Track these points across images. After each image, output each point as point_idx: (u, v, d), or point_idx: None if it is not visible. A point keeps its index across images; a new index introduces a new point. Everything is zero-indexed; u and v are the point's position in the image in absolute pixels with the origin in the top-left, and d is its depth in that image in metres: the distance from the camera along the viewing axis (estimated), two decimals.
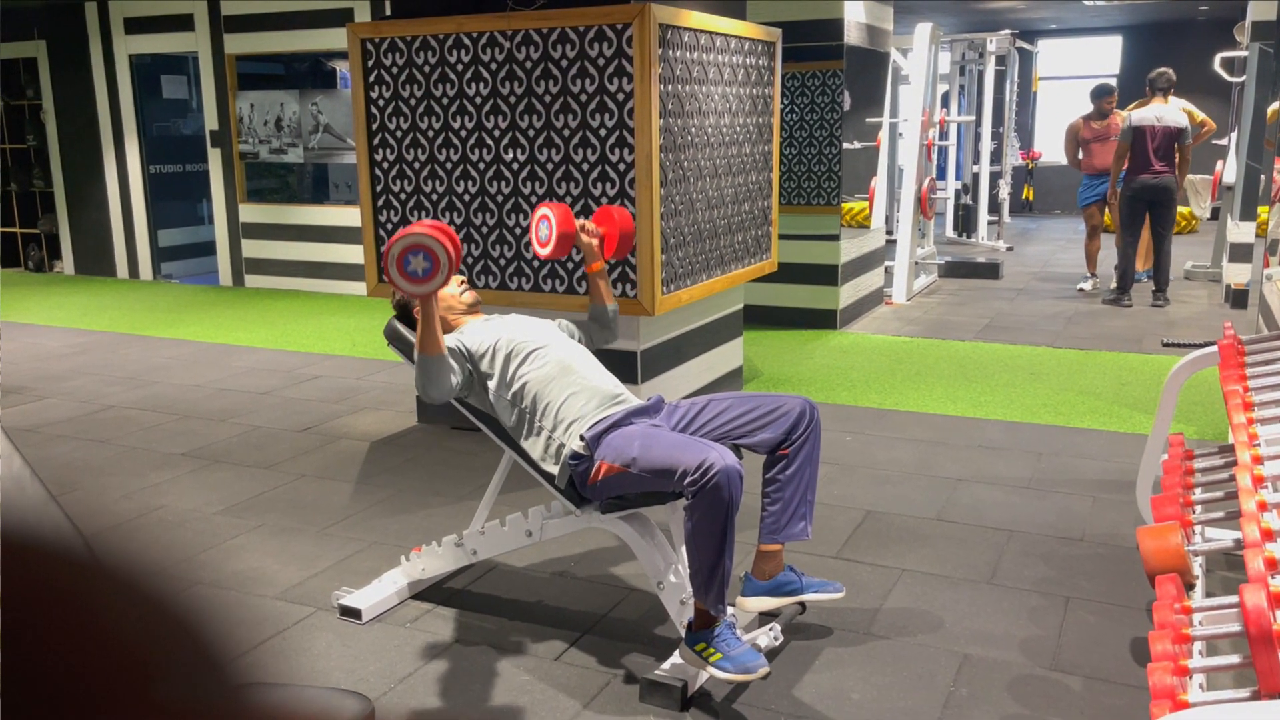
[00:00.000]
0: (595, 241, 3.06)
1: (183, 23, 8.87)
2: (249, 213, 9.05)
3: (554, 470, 2.68)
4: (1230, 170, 8.36)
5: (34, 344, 6.79)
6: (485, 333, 2.85)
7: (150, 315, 7.85)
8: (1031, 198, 14.39)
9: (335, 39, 8.17)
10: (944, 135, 9.68)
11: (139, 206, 9.56)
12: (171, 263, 9.84)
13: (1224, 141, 9.64)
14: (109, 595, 0.32)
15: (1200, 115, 8.19)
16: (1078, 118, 8.39)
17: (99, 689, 0.30)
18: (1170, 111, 7.37)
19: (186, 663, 0.33)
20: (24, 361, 6.30)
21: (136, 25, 9.14)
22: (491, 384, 2.80)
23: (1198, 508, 2.47)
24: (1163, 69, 7.57)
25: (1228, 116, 10.42)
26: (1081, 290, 8.22)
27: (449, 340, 2.77)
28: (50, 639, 0.30)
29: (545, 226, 3.01)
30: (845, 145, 6.89)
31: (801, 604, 2.86)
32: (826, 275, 6.93)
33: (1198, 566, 2.47)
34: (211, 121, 9.00)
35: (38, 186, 10.18)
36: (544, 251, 3.01)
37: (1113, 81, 7.55)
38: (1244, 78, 8.31)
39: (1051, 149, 14.56)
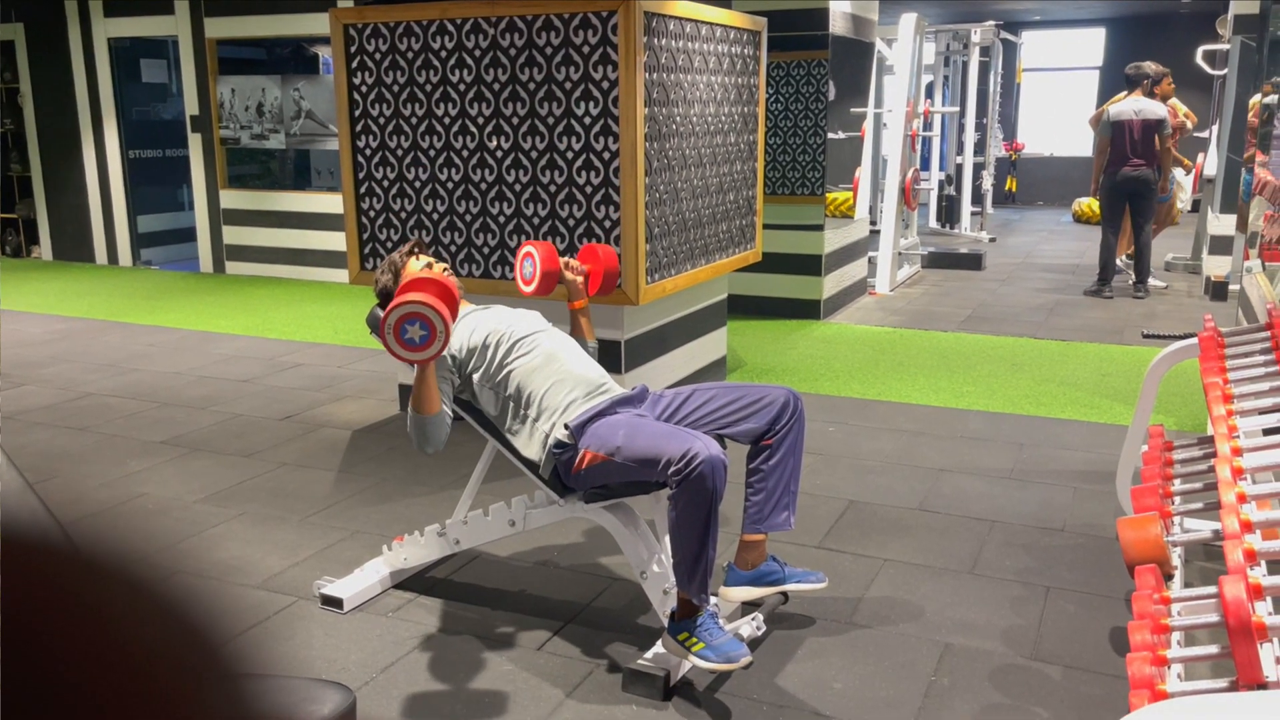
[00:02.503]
0: (580, 279, 3.07)
1: (163, 6, 8.77)
2: (230, 199, 8.98)
3: (538, 459, 2.68)
4: (1211, 163, 8.41)
5: (11, 330, 6.72)
6: (467, 329, 2.82)
7: (130, 302, 7.79)
8: (1015, 189, 14.44)
9: (317, 24, 8.10)
10: (928, 126, 9.70)
11: (118, 192, 9.47)
12: (151, 249, 9.76)
13: (1205, 134, 9.69)
14: (94, 583, 0.32)
15: (1183, 110, 8.21)
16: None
17: (93, 679, 0.30)
18: (1148, 104, 7.41)
19: (179, 650, 0.33)
20: (1, 348, 6.24)
21: (115, 8, 9.04)
22: (477, 375, 2.78)
23: (1177, 499, 2.49)
24: (1139, 63, 7.60)
25: (1209, 109, 10.48)
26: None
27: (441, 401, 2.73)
28: (39, 629, 0.30)
29: (529, 264, 3.01)
30: (830, 135, 6.89)
31: (784, 594, 2.87)
32: (810, 265, 6.93)
33: (1177, 557, 2.49)
34: (192, 106, 8.92)
35: (15, 171, 10.07)
36: (528, 290, 3.02)
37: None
38: (1226, 71, 8.35)
39: (1035, 140, 14.63)
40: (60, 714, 0.29)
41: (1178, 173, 8.29)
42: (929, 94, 10.55)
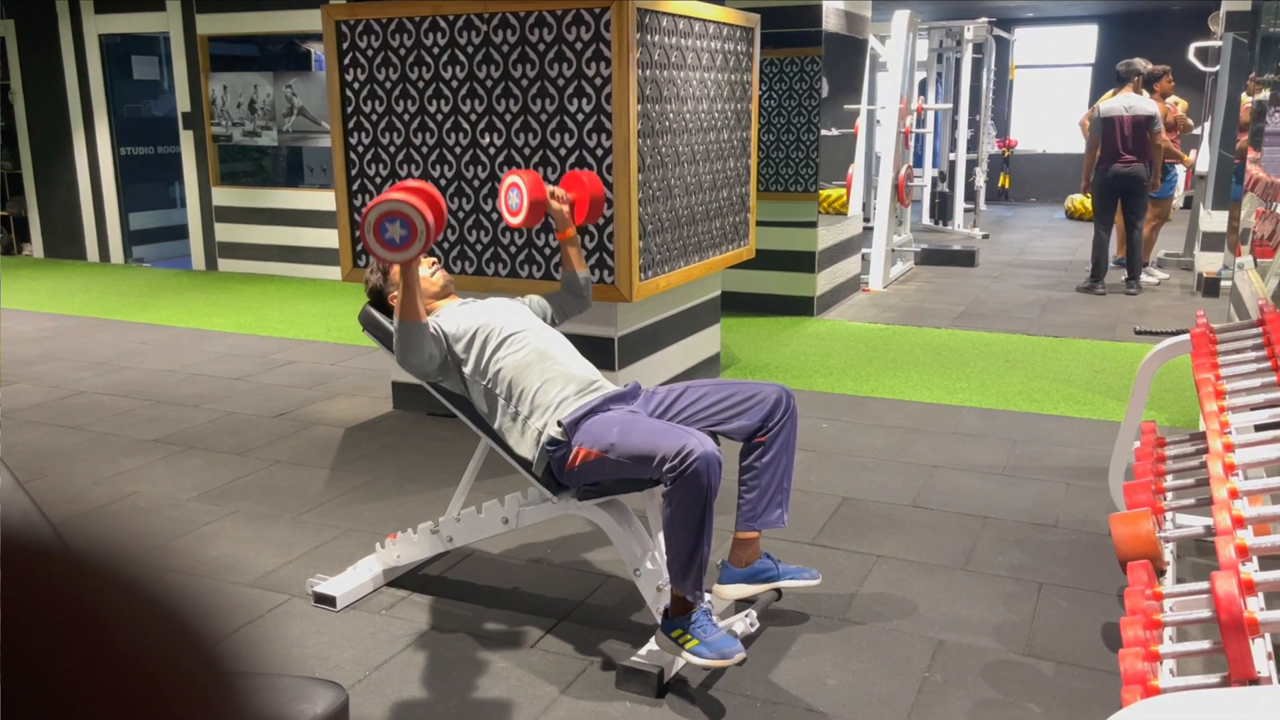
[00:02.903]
0: (565, 208, 3.03)
1: (154, 2, 8.74)
2: (222, 196, 8.96)
3: (531, 457, 2.67)
4: (1204, 159, 8.43)
5: (3, 328, 6.70)
6: (461, 316, 2.83)
7: (121, 299, 7.76)
8: (1008, 186, 14.46)
9: (309, 21, 8.08)
10: (921, 123, 9.70)
11: (109, 189, 9.44)
12: (143, 246, 9.73)
13: (1198, 131, 9.71)
14: (86, 583, 0.32)
15: (1183, 105, 8.21)
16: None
17: (86, 678, 0.30)
18: (1139, 101, 7.42)
19: (171, 649, 0.32)
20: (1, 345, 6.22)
21: (106, 4, 9.00)
22: (467, 369, 2.78)
23: (1169, 494, 2.49)
24: (1130, 60, 7.61)
25: (1202, 106, 10.50)
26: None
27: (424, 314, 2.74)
28: (32, 629, 0.30)
29: (515, 194, 2.95)
30: (823, 132, 6.89)
31: (778, 590, 2.87)
32: (804, 262, 6.93)
33: (1169, 553, 2.50)
34: (184, 103, 8.89)
35: (6, 168, 10.03)
36: (515, 220, 2.96)
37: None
38: (1218, 67, 8.37)
39: (1028, 137, 14.65)
40: (54, 714, 0.29)
41: (1177, 169, 8.31)
42: (922, 91, 10.55)
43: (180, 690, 0.32)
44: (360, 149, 4.52)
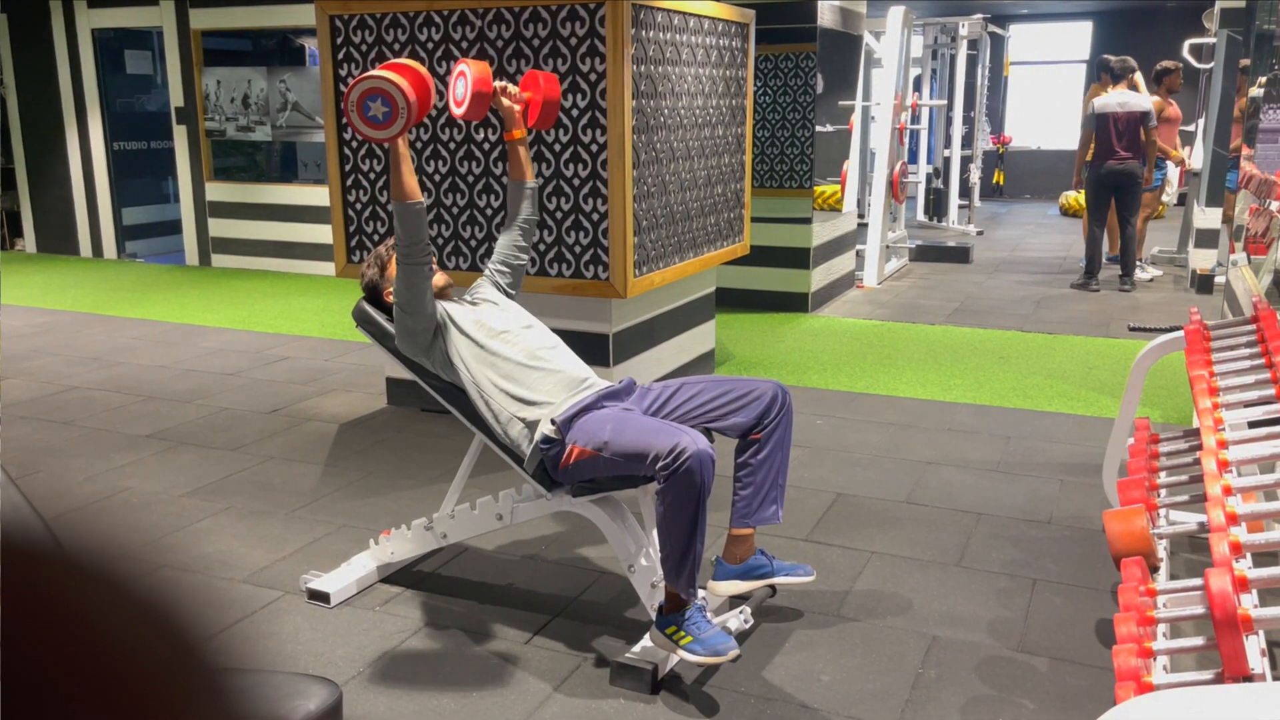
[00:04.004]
0: (517, 107, 2.91)
1: None
2: (215, 191, 8.93)
3: (525, 454, 2.67)
4: (1197, 156, 8.44)
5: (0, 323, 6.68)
6: (455, 307, 2.83)
7: (114, 295, 7.74)
8: (1002, 182, 14.48)
9: (303, 15, 8.05)
10: (916, 119, 9.70)
11: (102, 184, 9.41)
12: (136, 241, 9.70)
13: (1191, 128, 9.72)
14: (76, 581, 0.32)
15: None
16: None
17: (76, 677, 0.30)
18: (1133, 97, 7.43)
19: (161, 647, 0.32)
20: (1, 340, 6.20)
21: None
22: (461, 364, 2.78)
23: (1163, 491, 2.49)
24: (1122, 56, 7.62)
25: (1195, 103, 10.52)
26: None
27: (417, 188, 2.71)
28: (23, 628, 0.29)
29: (462, 84, 2.80)
30: (818, 128, 6.89)
31: (772, 587, 2.87)
32: (798, 258, 6.93)
33: (1163, 549, 2.50)
34: (177, 98, 8.86)
35: None
36: (458, 111, 2.81)
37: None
38: (1212, 64, 8.38)
39: (1022, 134, 14.66)
40: (42, 711, 0.29)
41: (1169, 165, 8.32)
42: (917, 87, 10.56)
43: (167, 688, 0.32)
44: (354, 144, 4.51)
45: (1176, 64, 7.95)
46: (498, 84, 2.87)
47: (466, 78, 2.78)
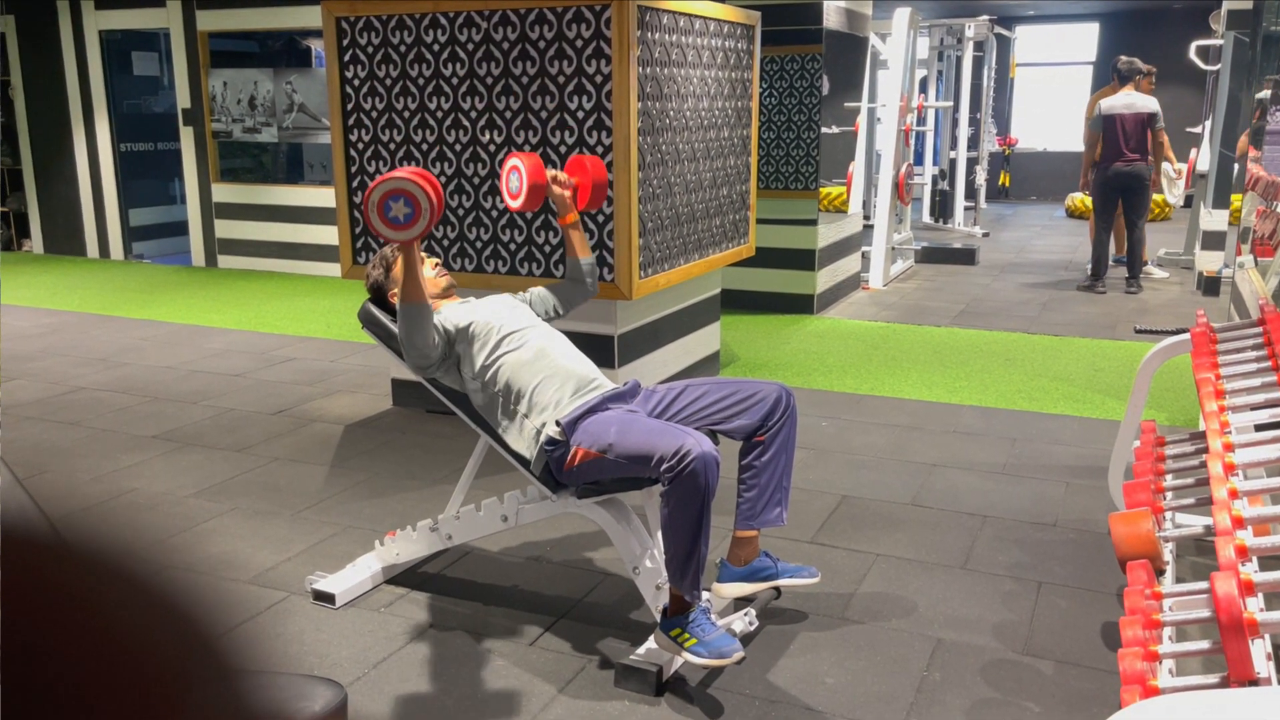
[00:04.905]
0: (567, 193, 3.00)
1: None
2: (222, 192, 8.95)
3: (529, 455, 2.67)
4: (1204, 158, 8.42)
5: (2, 324, 6.69)
6: (462, 313, 2.83)
7: (121, 295, 7.76)
8: (1008, 184, 14.46)
9: (310, 17, 8.07)
10: (922, 121, 9.69)
11: (109, 185, 9.43)
12: (143, 242, 9.72)
13: (1198, 130, 9.70)
14: (84, 579, 0.32)
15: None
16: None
17: (85, 675, 0.30)
18: (1140, 98, 7.41)
19: (171, 645, 0.32)
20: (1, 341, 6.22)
21: (107, 0, 8.99)
22: (466, 366, 2.78)
23: (1169, 494, 2.49)
24: (1129, 58, 7.61)
25: (1202, 104, 10.49)
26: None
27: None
28: (31, 626, 0.30)
29: (515, 178, 2.93)
30: (823, 130, 6.89)
31: (777, 589, 2.87)
32: (804, 260, 6.93)
33: (1168, 553, 2.50)
34: (184, 99, 8.88)
35: (6, 164, 10.02)
36: (514, 204, 2.93)
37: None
38: (1219, 66, 8.36)
39: (1028, 135, 14.64)
40: (54, 710, 0.29)
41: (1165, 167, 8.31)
42: (923, 89, 10.54)
43: (182, 684, 0.32)
44: (360, 146, 4.52)
45: (1151, 68, 7.93)
46: (549, 173, 2.96)
47: (520, 172, 2.91)
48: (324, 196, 8.31)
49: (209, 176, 8.95)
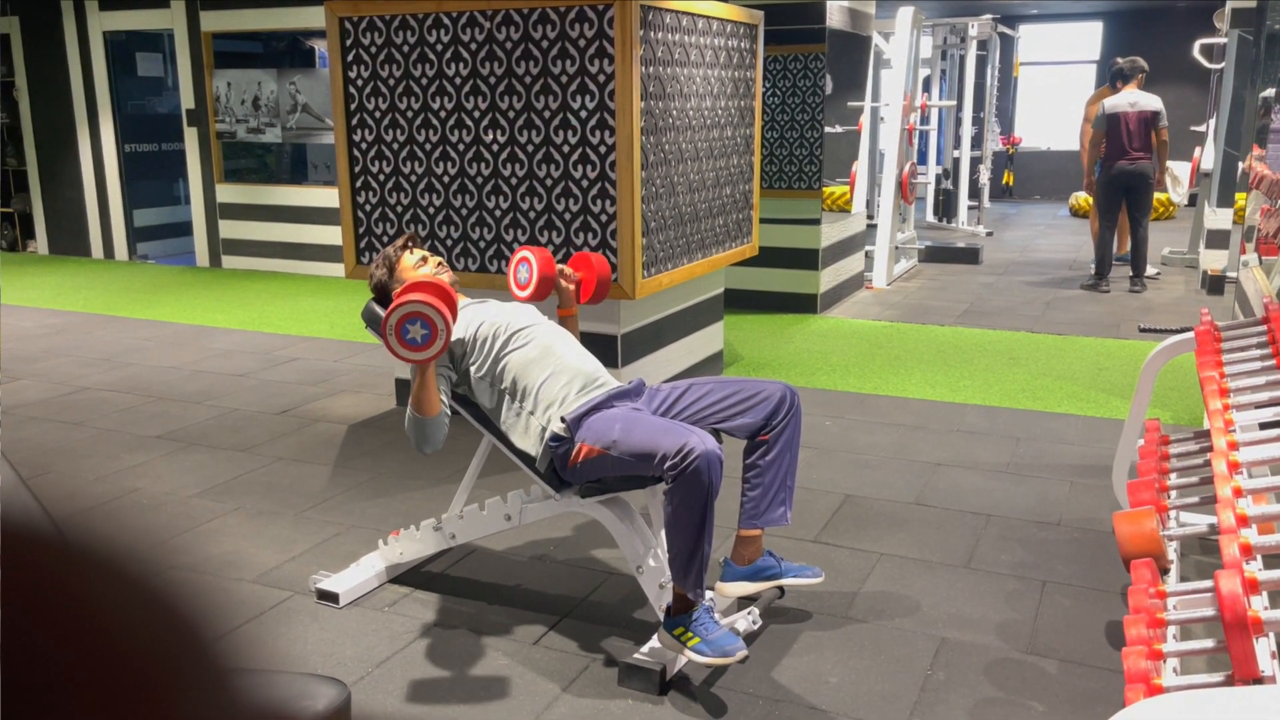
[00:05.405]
0: (572, 287, 3.09)
1: None
2: (226, 193, 8.96)
3: (534, 452, 2.67)
4: (1208, 157, 8.40)
5: (7, 325, 6.71)
6: (463, 322, 2.82)
7: (126, 296, 7.77)
8: (1012, 183, 14.44)
9: (313, 17, 8.08)
10: (925, 120, 9.69)
11: (114, 186, 9.45)
12: (147, 243, 9.74)
13: (1202, 128, 9.68)
14: (86, 579, 0.32)
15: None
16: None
17: (84, 674, 0.30)
18: (1144, 96, 7.40)
19: (175, 645, 0.32)
20: (1, 343, 6.23)
21: (111, 1, 9.00)
22: (473, 369, 2.78)
23: (1173, 493, 2.49)
24: (1132, 56, 7.60)
25: (1206, 103, 10.47)
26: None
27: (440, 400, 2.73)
28: (31, 625, 0.30)
29: (525, 269, 3.01)
30: (826, 129, 6.88)
31: (780, 588, 2.87)
32: (807, 260, 6.93)
33: (1173, 551, 2.49)
34: (188, 100, 8.89)
35: (10, 165, 10.04)
36: (523, 295, 3.01)
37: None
38: (1223, 65, 8.34)
39: (1032, 134, 14.62)
40: (53, 710, 0.29)
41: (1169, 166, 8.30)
42: (926, 88, 10.54)
43: (174, 685, 0.32)
44: (364, 146, 4.52)
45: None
46: (557, 267, 3.04)
47: (530, 264, 2.98)
48: (328, 197, 8.32)
49: (213, 177, 8.96)
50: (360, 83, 4.46)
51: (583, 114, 4.06)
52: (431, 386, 2.59)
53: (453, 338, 2.78)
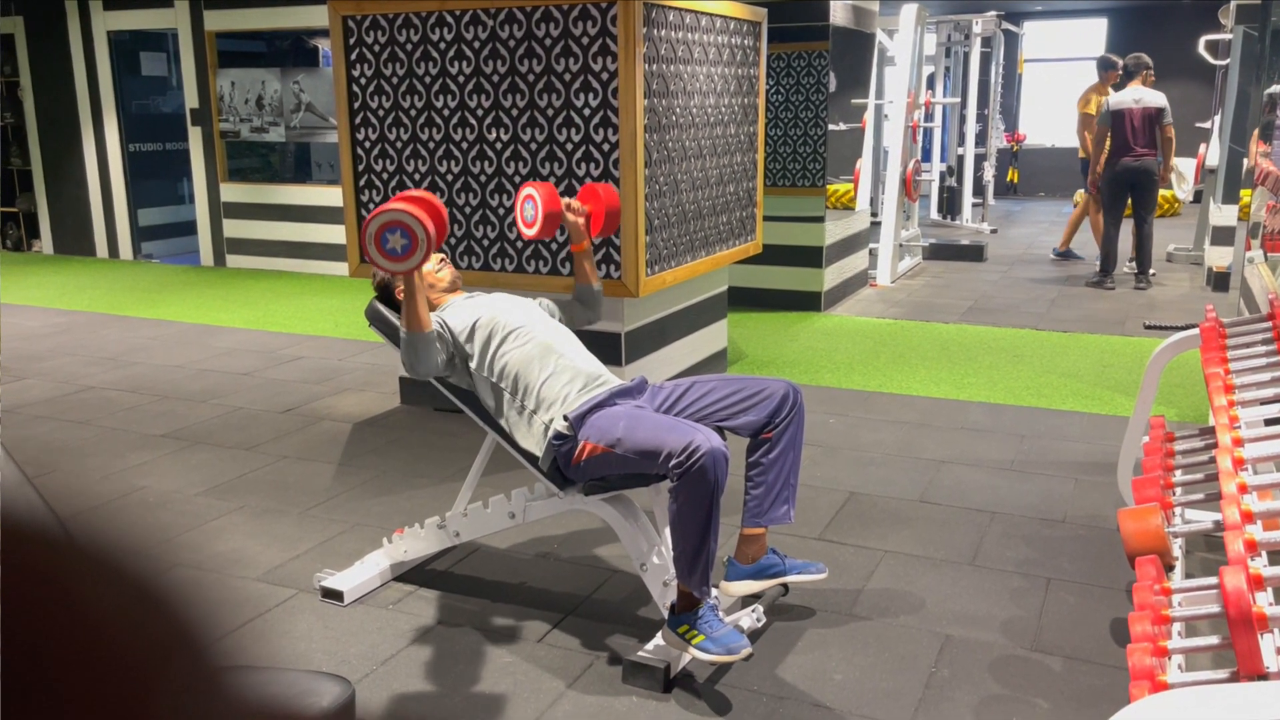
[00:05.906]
0: (581, 220, 3.03)
1: None
2: (230, 192, 8.97)
3: (537, 451, 2.67)
4: (1213, 153, 8.38)
5: (12, 324, 6.72)
6: (467, 311, 2.84)
7: (130, 295, 7.79)
8: (1016, 180, 14.41)
9: (316, 16, 8.08)
10: (929, 117, 9.67)
11: (118, 185, 9.46)
12: (152, 242, 9.75)
13: (1207, 125, 9.66)
14: (88, 577, 0.32)
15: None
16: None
17: (83, 673, 0.30)
18: (1149, 93, 7.39)
19: (170, 645, 0.32)
20: (2, 341, 6.24)
21: (115, 1, 9.02)
22: (473, 363, 2.78)
23: (1178, 490, 2.48)
24: (1137, 53, 7.58)
25: (1211, 99, 10.45)
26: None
27: (431, 318, 2.75)
28: (33, 623, 0.30)
29: (530, 206, 2.97)
30: (830, 127, 6.87)
31: (784, 586, 2.87)
32: (811, 257, 6.92)
33: (1177, 548, 2.49)
34: (192, 99, 8.90)
35: (15, 165, 10.06)
36: (530, 232, 2.98)
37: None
38: (1228, 61, 8.32)
39: (1036, 131, 14.59)
40: (52, 707, 0.29)
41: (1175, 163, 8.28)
42: (930, 85, 10.52)
43: (168, 685, 0.32)
44: (367, 144, 4.53)
45: (1118, 59, 7.91)
46: (563, 201, 2.99)
47: (535, 200, 2.94)
48: (332, 196, 8.33)
49: (217, 176, 8.97)
50: (364, 81, 4.46)
51: (586, 112, 4.06)
52: (420, 302, 2.59)
53: (454, 321, 2.79)
